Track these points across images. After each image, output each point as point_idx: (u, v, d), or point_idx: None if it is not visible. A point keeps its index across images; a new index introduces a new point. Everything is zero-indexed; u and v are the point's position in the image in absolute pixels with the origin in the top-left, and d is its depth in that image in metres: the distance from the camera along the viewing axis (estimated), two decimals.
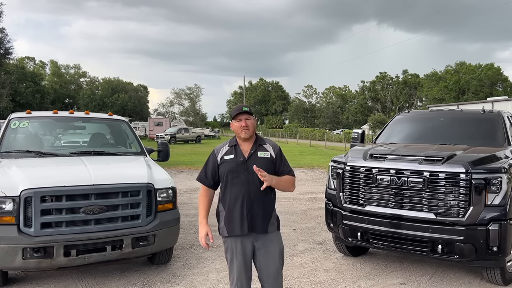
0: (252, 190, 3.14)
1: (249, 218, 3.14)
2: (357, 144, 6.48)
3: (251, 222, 3.14)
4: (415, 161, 4.66)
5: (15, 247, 4.07)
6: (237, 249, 3.20)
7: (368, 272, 5.23)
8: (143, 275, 5.00)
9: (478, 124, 6.15)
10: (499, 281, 4.70)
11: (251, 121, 3.19)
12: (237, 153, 3.21)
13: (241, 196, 3.15)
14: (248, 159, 3.17)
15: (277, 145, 3.35)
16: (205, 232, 3.28)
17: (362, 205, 4.93)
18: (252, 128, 3.18)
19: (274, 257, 3.22)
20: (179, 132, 43.29)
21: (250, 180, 3.14)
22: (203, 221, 3.32)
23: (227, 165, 3.20)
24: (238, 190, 3.16)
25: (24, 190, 4.19)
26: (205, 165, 3.36)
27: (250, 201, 3.14)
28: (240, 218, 3.15)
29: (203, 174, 3.33)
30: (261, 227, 3.17)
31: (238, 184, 3.16)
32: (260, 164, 3.13)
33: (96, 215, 4.37)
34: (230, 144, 3.29)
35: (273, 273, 3.20)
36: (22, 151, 5.49)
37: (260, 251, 3.20)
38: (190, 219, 7.91)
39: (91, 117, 6.62)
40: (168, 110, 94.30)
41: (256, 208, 3.15)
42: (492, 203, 4.34)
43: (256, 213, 3.15)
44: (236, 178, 3.17)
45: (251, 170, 3.10)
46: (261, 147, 3.25)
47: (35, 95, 65.28)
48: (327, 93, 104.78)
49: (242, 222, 3.14)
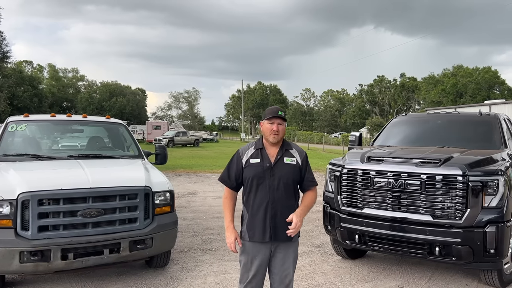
0: (276, 197, 3.07)
1: (272, 226, 3.06)
2: (354, 146, 6.49)
3: (274, 230, 3.07)
4: (412, 164, 4.67)
5: (12, 251, 4.05)
6: (253, 253, 3.12)
7: (366, 275, 5.23)
8: (141, 278, 4.99)
9: (475, 126, 6.17)
10: (496, 283, 4.71)
11: (283, 127, 3.14)
12: (263, 158, 3.12)
13: (265, 202, 3.07)
14: (274, 165, 3.11)
15: (303, 151, 3.27)
16: (234, 237, 3.12)
17: (359, 207, 4.93)
18: (281, 134, 3.13)
19: (289, 263, 3.16)
20: (177, 135, 43.25)
21: (275, 187, 3.07)
22: (230, 226, 3.16)
23: (252, 169, 3.11)
24: (263, 196, 3.08)
25: (22, 193, 4.18)
26: (228, 166, 3.24)
27: (274, 208, 3.07)
28: (263, 225, 3.08)
29: (226, 175, 3.22)
30: (285, 236, 3.05)
31: (263, 190, 3.08)
32: (286, 170, 3.10)
33: (94, 218, 4.36)
34: (256, 146, 3.19)
35: (284, 279, 3.16)
36: (19, 155, 5.47)
37: (276, 257, 3.14)
38: (188, 222, 7.90)
39: (88, 120, 6.62)
40: (166, 113, 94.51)
41: (279, 215, 3.06)
42: (489, 206, 4.35)
43: (279, 221, 3.06)
44: (261, 184, 3.08)
45: (276, 176, 3.07)
46: (288, 153, 3.17)
47: (33, 98, 65.14)
48: (325, 97, 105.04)
49: (265, 229, 3.07)
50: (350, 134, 6.93)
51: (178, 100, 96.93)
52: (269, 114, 3.13)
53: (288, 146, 3.22)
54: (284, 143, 3.21)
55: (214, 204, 10.01)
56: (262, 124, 3.18)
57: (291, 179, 3.10)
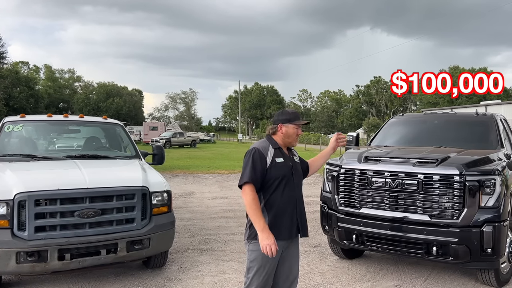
0: (298, 194, 3.17)
1: (300, 223, 3.16)
2: (351, 147, 6.50)
3: (301, 227, 3.16)
4: (410, 164, 4.68)
5: (8, 251, 4.03)
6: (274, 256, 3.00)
7: (364, 275, 5.24)
8: (138, 279, 4.98)
9: (471, 126, 6.20)
10: (493, 282, 4.72)
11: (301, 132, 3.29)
12: (285, 157, 3.14)
13: (292, 201, 3.11)
14: (294, 163, 3.22)
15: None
16: (273, 238, 2.92)
17: (357, 207, 4.94)
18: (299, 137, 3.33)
19: (296, 260, 3.26)
20: (174, 136, 43.19)
21: (297, 185, 3.17)
22: (266, 227, 2.93)
23: (278, 169, 3.04)
24: (291, 195, 3.09)
25: (18, 193, 4.16)
26: (252, 166, 2.99)
27: (299, 205, 3.17)
28: (291, 223, 3.09)
29: (254, 175, 2.97)
30: (307, 231, 3.23)
31: (290, 189, 3.09)
32: (299, 168, 3.28)
33: (91, 219, 4.35)
34: (273, 146, 3.12)
35: (289, 276, 3.20)
36: (16, 155, 5.45)
37: (286, 254, 3.15)
38: (185, 223, 7.88)
39: (85, 121, 6.60)
40: (163, 114, 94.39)
41: (303, 213, 3.21)
42: (486, 205, 4.37)
43: (304, 217, 3.21)
44: (288, 183, 3.08)
45: (296, 174, 3.18)
46: (291, 151, 3.30)
47: (29, 99, 64.84)
48: (322, 97, 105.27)
49: (292, 226, 3.11)
50: (348, 134, 6.93)
51: (175, 101, 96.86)
52: (295, 119, 3.15)
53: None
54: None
55: (211, 205, 10.00)
56: (288, 128, 3.13)
57: (302, 176, 3.31)
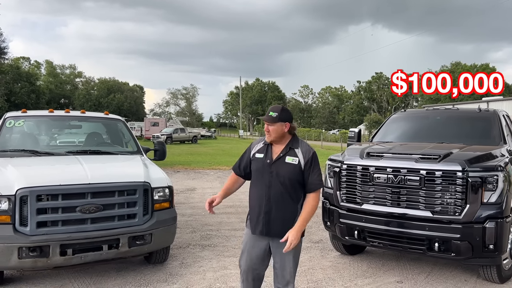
0: (272, 193, 3.06)
1: (265, 222, 3.09)
2: (353, 143, 6.49)
3: (267, 226, 3.09)
4: (412, 160, 4.67)
5: (10, 247, 4.04)
6: (249, 243, 3.22)
7: (365, 271, 5.24)
8: (140, 274, 4.98)
9: (474, 122, 6.17)
10: (495, 279, 4.72)
11: (273, 127, 3.08)
12: (267, 154, 3.15)
13: (261, 198, 3.11)
14: (274, 162, 3.10)
15: (311, 151, 3.14)
16: (212, 198, 3.32)
17: (359, 203, 4.93)
18: (274, 134, 3.09)
19: (289, 261, 3.15)
20: (175, 132, 43.18)
21: (273, 183, 3.07)
22: (218, 194, 3.35)
23: (255, 163, 3.20)
24: (260, 192, 3.12)
25: (20, 189, 4.16)
26: (241, 156, 3.39)
27: (268, 204, 3.08)
28: (256, 219, 3.13)
29: (237, 165, 3.37)
30: (279, 233, 3.04)
31: (261, 185, 3.12)
32: (285, 170, 3.06)
33: (93, 214, 4.35)
34: (265, 142, 3.22)
35: (285, 274, 3.17)
36: (17, 150, 5.45)
37: (277, 253, 3.15)
38: (187, 219, 7.89)
39: (87, 116, 6.59)
40: (164, 110, 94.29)
41: (274, 212, 3.07)
42: (488, 201, 4.35)
43: (274, 218, 3.07)
44: (260, 178, 3.13)
45: (274, 173, 3.07)
46: (292, 152, 3.11)
47: (30, 95, 64.92)
48: (323, 93, 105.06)
49: (257, 223, 3.13)
50: (349, 130, 6.93)
51: (176, 97, 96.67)
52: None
53: (295, 145, 3.15)
54: (291, 142, 3.16)
55: None
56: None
57: (287, 177, 3.05)
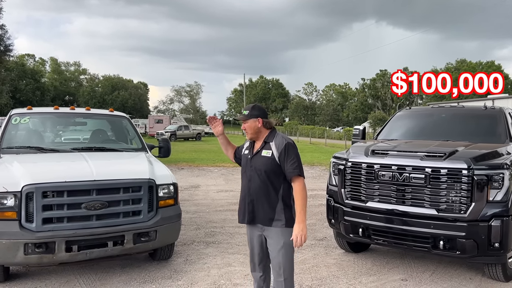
0: (252, 186, 3.33)
1: (250, 211, 3.35)
2: (358, 140, 6.47)
3: (251, 214, 3.35)
4: (417, 157, 4.65)
5: (16, 243, 4.07)
6: (249, 234, 3.49)
7: (370, 268, 5.23)
8: (145, 271, 5.00)
9: (479, 120, 6.14)
10: (500, 277, 4.70)
11: (248, 124, 3.33)
12: (250, 150, 3.42)
13: (245, 190, 3.39)
14: (253, 156, 3.36)
15: (284, 142, 3.26)
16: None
17: (363, 201, 4.92)
18: (251, 130, 3.33)
19: (277, 250, 3.30)
20: (179, 129, 43.19)
21: (252, 177, 3.33)
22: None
23: (243, 159, 3.49)
24: (244, 185, 3.41)
25: (26, 185, 4.18)
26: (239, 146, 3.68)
27: (250, 195, 3.34)
28: (243, 209, 3.41)
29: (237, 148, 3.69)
30: (262, 220, 3.32)
31: (244, 178, 3.41)
32: (260, 162, 3.29)
33: (98, 211, 4.37)
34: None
35: (275, 265, 3.34)
36: (23, 147, 5.48)
37: (269, 244, 3.36)
38: (191, 216, 7.91)
39: (92, 113, 6.61)
40: (168, 107, 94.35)
41: (256, 203, 3.32)
42: (494, 199, 4.34)
43: (257, 208, 3.33)
44: (244, 173, 3.43)
45: (253, 167, 3.32)
46: (267, 145, 3.32)
47: (35, 92, 65.23)
48: (327, 91, 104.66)
49: (244, 213, 3.39)
50: (354, 128, 6.90)
51: (180, 94, 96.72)
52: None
53: (270, 138, 3.32)
54: (267, 136, 3.34)
55: (217, 198, 10.02)
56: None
57: (263, 170, 3.26)
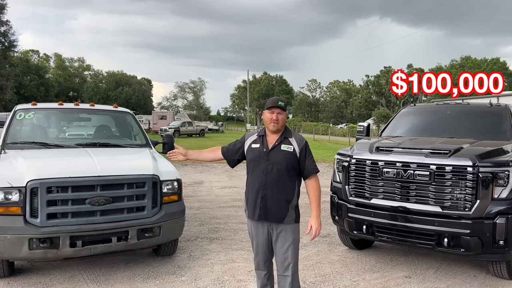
0: (268, 180, 3.28)
1: (262, 206, 3.29)
2: (362, 137, 6.45)
3: (264, 210, 3.29)
4: (422, 154, 4.63)
5: (21, 238, 4.09)
6: (253, 232, 3.44)
7: (373, 265, 5.22)
8: (148, 266, 5.02)
9: (485, 117, 6.10)
10: (505, 275, 4.68)
11: (282, 116, 3.35)
12: (263, 144, 3.37)
13: (257, 184, 3.32)
14: (271, 150, 3.32)
15: (303, 139, 3.42)
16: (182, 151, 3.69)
17: (367, 198, 4.91)
18: (281, 122, 3.34)
19: (286, 246, 3.32)
20: (183, 125, 43.30)
21: (269, 170, 3.29)
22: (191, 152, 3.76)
23: (251, 153, 3.40)
24: (256, 178, 3.33)
25: (30, 181, 4.20)
26: (233, 143, 3.61)
27: (265, 190, 3.29)
28: (254, 204, 3.34)
29: (225, 148, 3.63)
30: (275, 217, 3.30)
31: (258, 172, 3.33)
32: (281, 156, 3.29)
33: (102, 206, 4.38)
34: (259, 134, 3.47)
35: (283, 260, 3.32)
36: (27, 142, 5.49)
37: (277, 240, 3.35)
38: (195, 212, 7.92)
39: (96, 109, 6.62)
40: (172, 103, 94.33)
41: (270, 197, 3.28)
42: (499, 197, 4.31)
43: (270, 203, 3.28)
44: (257, 166, 3.34)
45: (271, 160, 3.29)
46: (286, 140, 3.36)
47: (39, 88, 65.48)
48: (331, 87, 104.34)
49: (255, 208, 3.33)
50: (358, 125, 6.88)
51: (184, 91, 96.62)
52: (269, 104, 3.36)
53: (288, 134, 3.41)
54: (285, 132, 3.40)
55: (221, 194, 10.03)
56: (264, 114, 3.41)
57: (284, 164, 3.28)
